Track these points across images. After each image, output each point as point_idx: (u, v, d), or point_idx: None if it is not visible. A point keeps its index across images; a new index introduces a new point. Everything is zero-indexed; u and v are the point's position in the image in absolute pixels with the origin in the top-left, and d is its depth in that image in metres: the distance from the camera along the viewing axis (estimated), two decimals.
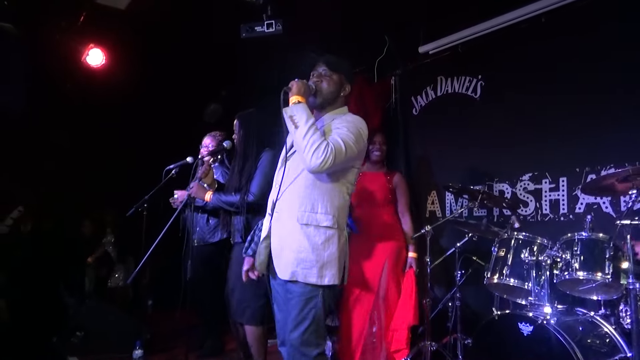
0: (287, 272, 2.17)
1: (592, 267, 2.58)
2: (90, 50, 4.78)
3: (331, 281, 2.17)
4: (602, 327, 2.63)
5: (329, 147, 2.08)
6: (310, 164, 2.09)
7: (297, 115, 2.15)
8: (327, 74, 2.35)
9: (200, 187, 3.28)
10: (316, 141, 2.09)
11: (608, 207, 3.16)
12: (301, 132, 2.11)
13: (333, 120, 2.30)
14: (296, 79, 2.30)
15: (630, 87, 3.07)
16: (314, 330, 2.15)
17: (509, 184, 3.69)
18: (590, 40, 3.26)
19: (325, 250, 2.17)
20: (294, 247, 2.17)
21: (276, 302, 2.35)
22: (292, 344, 2.16)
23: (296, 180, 2.24)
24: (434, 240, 3.63)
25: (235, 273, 3.17)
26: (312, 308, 2.15)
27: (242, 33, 3.73)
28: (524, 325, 2.63)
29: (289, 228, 2.21)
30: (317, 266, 2.15)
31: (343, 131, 2.19)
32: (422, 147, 4.34)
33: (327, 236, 2.18)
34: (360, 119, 2.31)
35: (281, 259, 2.21)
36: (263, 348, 3.18)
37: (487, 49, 3.84)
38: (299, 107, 2.17)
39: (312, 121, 2.14)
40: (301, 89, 2.24)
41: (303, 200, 2.20)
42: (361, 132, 2.25)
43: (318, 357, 2.16)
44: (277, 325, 2.36)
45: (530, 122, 3.55)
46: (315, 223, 2.17)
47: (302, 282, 2.15)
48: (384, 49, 4.52)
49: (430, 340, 3.34)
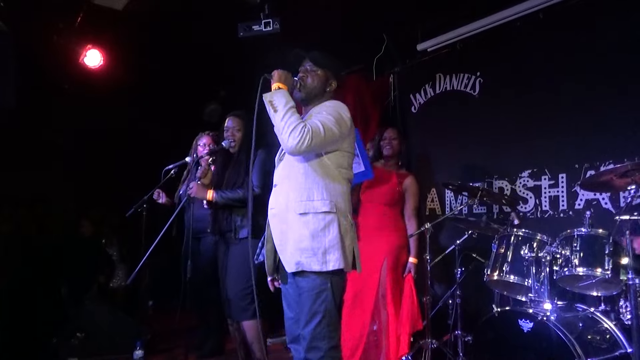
0: (292, 263, 2.18)
1: (592, 263, 2.58)
2: (87, 51, 4.77)
3: (336, 265, 2.16)
4: (602, 323, 2.63)
5: (306, 128, 2.11)
6: (287, 144, 2.12)
7: (276, 100, 2.19)
8: (313, 69, 2.39)
9: (200, 187, 3.27)
10: (293, 122, 2.12)
11: (607, 203, 3.15)
12: (279, 115, 2.15)
13: (316, 108, 2.33)
14: (300, 68, 2.35)
15: (629, 82, 3.06)
16: (327, 324, 2.16)
17: (508, 181, 3.69)
18: (588, 37, 3.26)
19: (325, 236, 2.16)
20: (295, 238, 2.18)
21: (286, 300, 2.36)
22: (306, 338, 2.16)
23: (289, 175, 2.27)
24: (434, 237, 3.63)
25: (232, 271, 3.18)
26: (323, 302, 2.16)
27: (240, 32, 3.72)
28: (524, 321, 2.63)
29: (288, 221, 2.22)
30: (320, 252, 2.14)
31: (322, 115, 2.22)
32: (421, 144, 4.33)
33: (326, 222, 2.18)
34: (340, 103, 2.34)
35: (285, 253, 2.22)
36: (263, 344, 3.19)
37: (485, 46, 3.83)
38: (278, 92, 2.22)
39: (290, 104, 2.18)
40: (282, 76, 2.28)
41: (298, 191, 2.21)
42: (342, 115, 2.26)
43: (331, 351, 2.16)
44: (286, 323, 2.36)
45: (529, 119, 3.54)
46: (312, 210, 2.17)
47: (308, 271, 2.15)
48: (382, 47, 4.52)
49: (430, 338, 3.34)
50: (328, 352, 2.15)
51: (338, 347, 2.21)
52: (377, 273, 3.46)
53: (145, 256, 3.03)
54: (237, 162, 3.31)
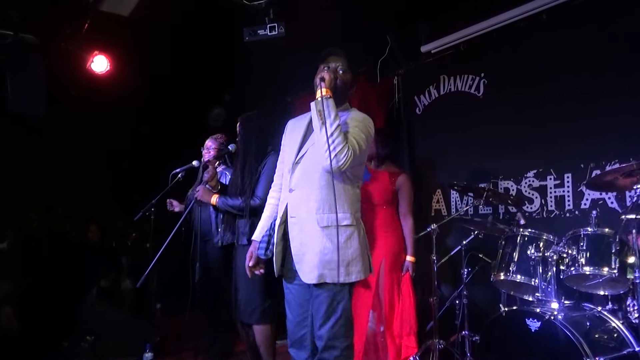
0: (314, 275, 2.18)
1: (599, 262, 2.58)
2: (94, 57, 4.82)
3: (358, 277, 2.22)
4: (610, 322, 2.63)
5: (350, 152, 2.13)
6: (331, 164, 2.11)
7: (326, 111, 2.14)
8: (344, 69, 2.33)
9: (207, 190, 3.30)
10: (340, 143, 2.11)
11: (613, 202, 3.16)
12: (328, 131, 2.12)
13: (343, 116, 2.30)
14: (325, 68, 2.28)
15: (634, 82, 3.06)
16: (343, 324, 2.20)
17: (513, 181, 3.70)
18: (593, 36, 3.26)
19: (348, 249, 2.20)
20: (318, 250, 2.18)
21: (288, 303, 2.37)
22: (322, 337, 2.19)
23: (310, 184, 2.25)
24: (440, 238, 3.63)
25: (241, 275, 3.20)
26: (340, 301, 2.20)
27: (245, 37, 3.74)
28: (532, 321, 2.64)
29: (309, 232, 2.22)
30: (344, 265, 2.18)
31: (357, 132, 2.22)
32: (426, 146, 4.35)
33: (347, 234, 2.21)
34: (368, 118, 2.35)
35: (304, 263, 2.22)
36: (272, 348, 3.20)
37: (489, 47, 3.84)
38: (329, 102, 2.16)
39: (338, 120, 2.15)
40: (331, 82, 2.22)
41: (320, 203, 2.21)
42: (370, 133, 2.30)
43: (347, 350, 2.20)
44: (288, 327, 2.37)
45: (534, 119, 3.55)
46: (335, 224, 2.18)
47: (330, 282, 2.18)
48: (386, 49, 4.54)
49: (438, 338, 3.35)
50: (344, 351, 2.19)
51: (352, 346, 2.25)
52: (375, 273, 3.46)
53: (155, 259, 3.06)
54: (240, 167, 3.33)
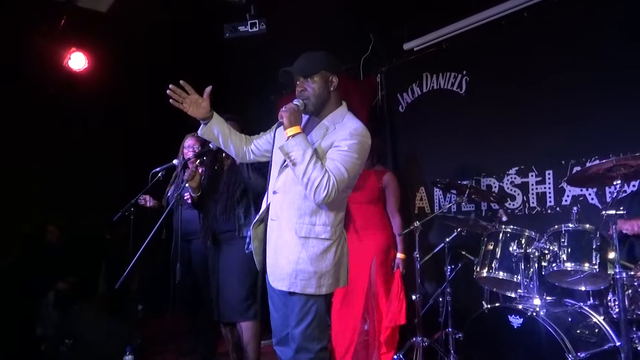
0: (284, 283, 2.16)
1: (580, 258, 2.60)
2: (72, 54, 4.72)
3: (329, 290, 2.19)
4: (591, 318, 2.66)
5: (331, 181, 2.04)
6: (315, 199, 2.07)
7: (293, 152, 2.07)
8: (306, 80, 2.21)
9: None
10: (316, 177, 2.04)
11: (594, 199, 3.19)
12: (300, 170, 2.06)
13: (334, 127, 2.20)
14: (284, 107, 2.15)
15: (613, 79, 3.09)
16: (317, 326, 2.17)
17: (496, 178, 3.71)
18: (572, 34, 3.29)
19: (323, 262, 2.16)
20: (292, 259, 2.15)
21: (271, 299, 2.35)
22: (295, 339, 2.16)
23: (294, 189, 2.19)
24: (423, 236, 3.64)
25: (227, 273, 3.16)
26: (313, 304, 2.16)
27: (226, 33, 3.70)
28: (514, 317, 2.65)
29: (286, 239, 2.18)
30: (316, 277, 2.14)
31: (343, 152, 2.11)
32: (409, 143, 4.35)
33: (325, 247, 2.17)
34: (362, 128, 2.18)
35: (277, 268, 2.19)
36: (259, 346, 3.18)
37: (471, 45, 3.85)
38: (293, 141, 2.08)
39: (308, 154, 2.06)
40: (291, 117, 2.11)
41: (300, 210, 2.17)
42: (365, 147, 2.18)
43: (321, 352, 2.17)
44: (273, 324, 2.35)
45: (516, 116, 3.57)
46: (313, 235, 2.15)
47: (299, 292, 2.15)
48: (369, 47, 4.52)
49: (421, 336, 3.35)
50: (318, 354, 2.15)
51: (327, 348, 2.22)
52: (366, 272, 3.46)
53: (134, 260, 3.00)
54: (232, 171, 3.27)
